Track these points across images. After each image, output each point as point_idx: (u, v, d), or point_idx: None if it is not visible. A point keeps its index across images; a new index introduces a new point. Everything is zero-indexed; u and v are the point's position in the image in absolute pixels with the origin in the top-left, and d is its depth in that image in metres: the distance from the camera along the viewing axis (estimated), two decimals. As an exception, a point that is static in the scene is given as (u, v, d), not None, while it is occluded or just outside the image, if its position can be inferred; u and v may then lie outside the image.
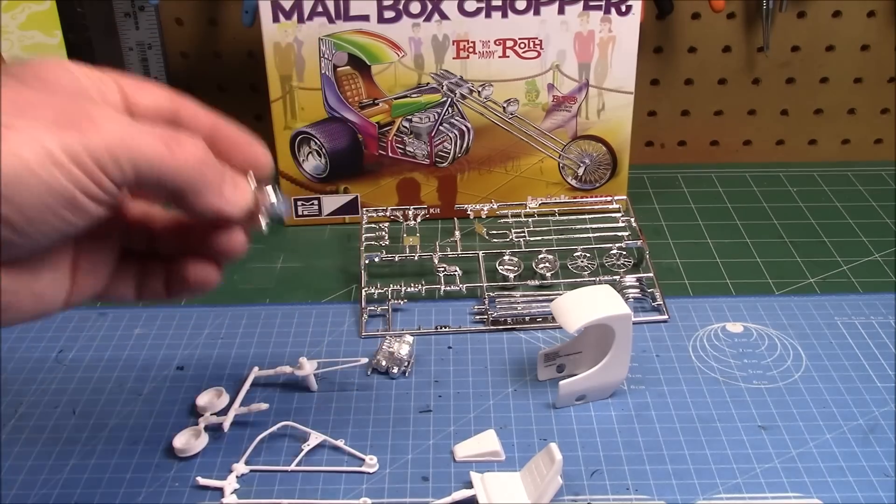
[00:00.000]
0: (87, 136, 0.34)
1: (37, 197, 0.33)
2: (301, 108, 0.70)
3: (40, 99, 0.34)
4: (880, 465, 0.48)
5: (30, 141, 0.32)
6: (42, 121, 0.33)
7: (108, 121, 0.35)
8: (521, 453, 0.49)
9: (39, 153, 0.32)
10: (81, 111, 0.34)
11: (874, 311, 0.61)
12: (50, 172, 0.33)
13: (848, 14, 0.79)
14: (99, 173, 0.34)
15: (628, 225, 0.68)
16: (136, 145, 0.35)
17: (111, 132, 0.34)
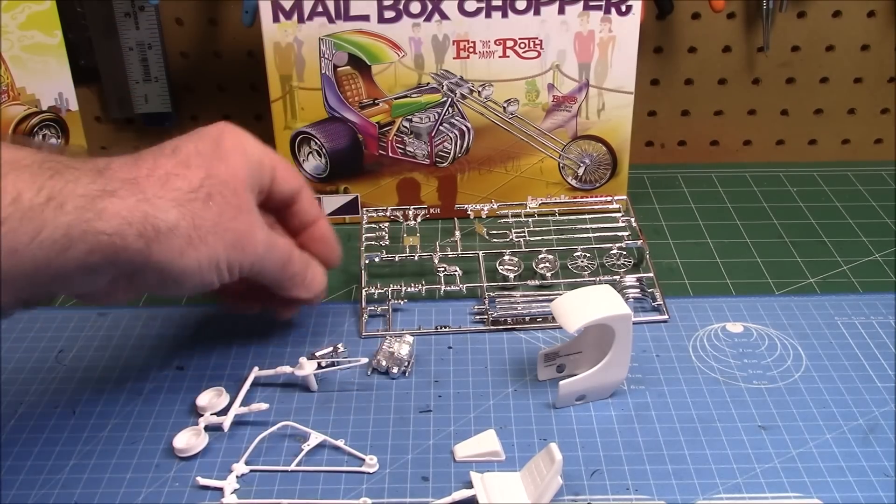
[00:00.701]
0: (243, 255, 0.48)
1: (192, 285, 0.47)
2: (301, 108, 0.70)
3: (226, 224, 0.47)
4: (880, 465, 0.48)
5: (210, 255, 0.47)
6: (225, 244, 0.47)
7: (259, 245, 0.49)
8: (521, 453, 0.49)
9: (211, 265, 0.47)
10: (247, 235, 0.48)
11: (874, 311, 0.61)
12: (210, 276, 0.47)
13: (848, 14, 0.79)
14: (237, 274, 0.49)
15: (628, 225, 0.68)
16: (267, 263, 0.51)
17: (256, 254, 0.49)
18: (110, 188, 0.43)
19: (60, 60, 0.72)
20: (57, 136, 0.74)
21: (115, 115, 0.84)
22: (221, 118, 0.84)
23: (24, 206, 0.39)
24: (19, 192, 0.39)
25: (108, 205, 0.42)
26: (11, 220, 0.39)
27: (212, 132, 0.50)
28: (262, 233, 0.50)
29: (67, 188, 0.41)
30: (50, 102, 0.72)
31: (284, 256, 0.52)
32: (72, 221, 0.41)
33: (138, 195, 0.44)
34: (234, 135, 0.50)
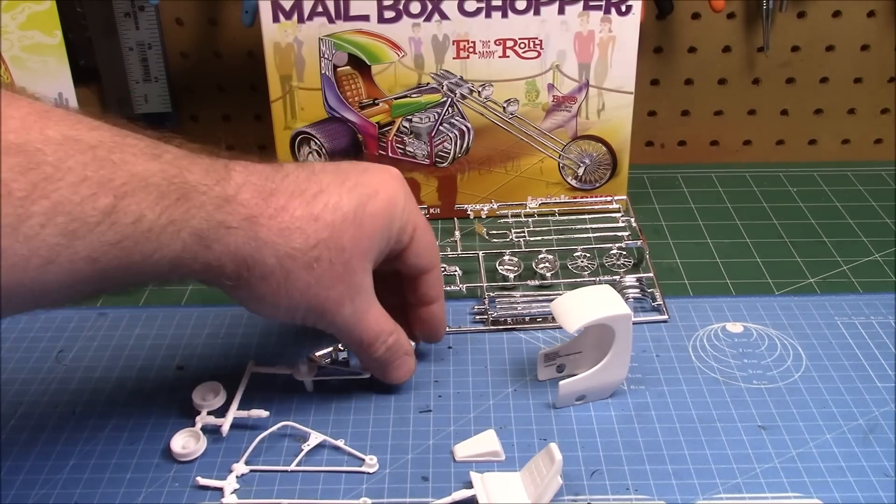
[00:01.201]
0: (321, 320, 0.48)
1: (271, 317, 0.48)
2: (301, 108, 0.70)
3: (317, 290, 0.46)
4: (880, 465, 0.48)
5: (289, 307, 0.46)
6: (306, 303, 0.46)
7: (339, 318, 0.48)
8: (521, 453, 0.49)
9: (288, 314, 0.47)
10: (334, 305, 0.47)
11: (874, 311, 0.61)
12: (285, 318, 0.47)
13: (848, 14, 0.79)
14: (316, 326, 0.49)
15: (628, 225, 0.68)
16: (344, 337, 0.50)
17: (334, 325, 0.48)
18: (229, 223, 0.42)
19: (60, 60, 0.72)
20: (57, 136, 0.74)
21: (115, 115, 0.84)
22: (221, 118, 0.85)
23: (144, 227, 0.39)
24: (142, 213, 0.39)
25: (222, 237, 0.42)
26: (129, 240, 0.39)
27: (370, 185, 0.47)
28: (349, 308, 0.47)
29: (189, 214, 0.41)
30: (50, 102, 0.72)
31: (368, 338, 0.49)
32: (183, 248, 0.41)
33: (252, 237, 0.43)
34: (387, 196, 0.48)
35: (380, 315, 0.50)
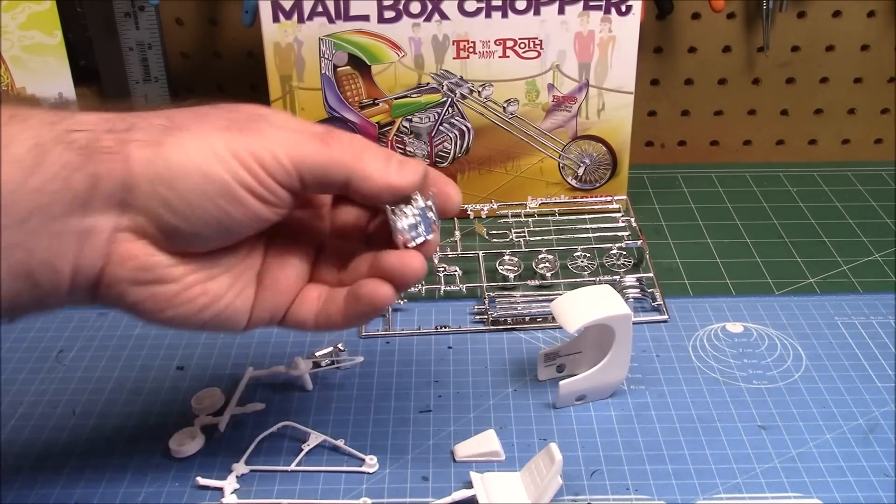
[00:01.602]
0: (250, 138, 0.38)
1: (196, 184, 0.37)
2: (301, 108, 0.70)
3: (218, 114, 0.40)
4: (880, 465, 0.48)
5: (197, 139, 0.38)
6: (214, 128, 0.39)
7: (272, 130, 0.39)
8: (521, 453, 0.49)
9: (204, 149, 0.37)
10: (251, 123, 0.39)
11: (874, 311, 0.61)
12: (210, 165, 0.37)
13: (848, 14, 0.79)
14: (257, 169, 0.38)
15: (628, 225, 0.68)
16: (293, 145, 0.39)
17: (272, 137, 0.39)
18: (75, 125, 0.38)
19: (60, 60, 0.72)
20: (57, 136, 0.74)
21: (115, 115, 0.84)
22: (221, 118, 0.85)
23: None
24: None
25: (79, 117, 0.38)
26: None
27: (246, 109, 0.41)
28: (275, 128, 0.39)
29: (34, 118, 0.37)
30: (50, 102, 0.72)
31: (325, 137, 0.40)
32: (43, 133, 0.37)
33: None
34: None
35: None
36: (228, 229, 0.39)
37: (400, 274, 0.41)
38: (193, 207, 0.37)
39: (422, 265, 0.41)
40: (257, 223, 0.39)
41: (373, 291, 0.41)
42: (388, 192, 0.40)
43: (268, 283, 0.43)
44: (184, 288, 0.40)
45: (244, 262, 0.42)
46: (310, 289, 0.44)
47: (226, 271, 0.41)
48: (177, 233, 0.38)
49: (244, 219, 0.38)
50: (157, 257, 0.38)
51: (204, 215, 0.38)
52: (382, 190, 0.40)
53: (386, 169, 0.40)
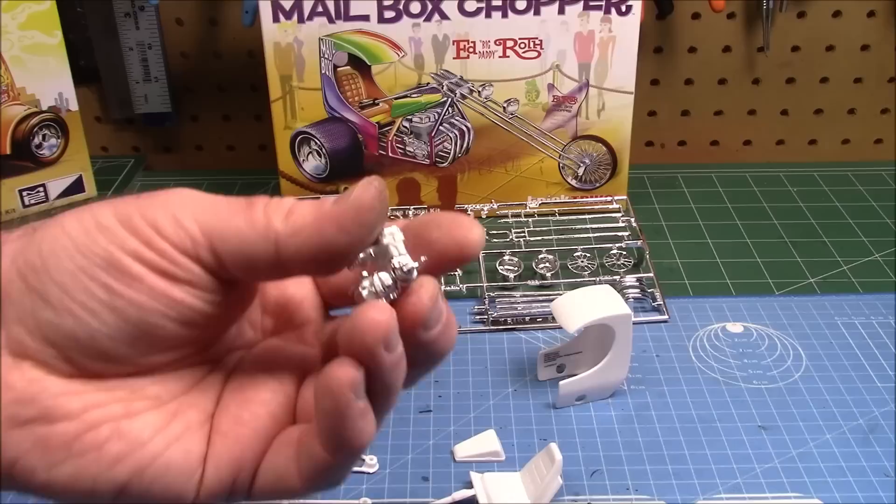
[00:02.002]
0: (145, 202, 0.29)
1: (72, 261, 0.28)
2: (301, 108, 0.70)
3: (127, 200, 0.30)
4: (880, 465, 0.48)
5: (78, 213, 0.29)
6: (103, 203, 0.29)
7: (180, 196, 0.30)
8: (521, 453, 0.49)
9: (83, 220, 0.28)
10: (156, 195, 0.30)
11: (874, 311, 0.61)
12: (89, 235, 0.28)
13: (848, 14, 0.79)
14: (152, 234, 0.28)
15: (628, 225, 0.68)
16: (203, 207, 0.29)
17: (176, 201, 0.29)
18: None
19: (60, 60, 0.72)
20: (57, 137, 0.74)
21: (115, 115, 0.84)
22: (221, 118, 0.85)
23: None
24: None
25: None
26: None
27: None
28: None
29: None
30: (50, 102, 0.72)
31: (247, 205, 0.29)
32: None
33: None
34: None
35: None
36: (137, 326, 0.28)
37: (350, 335, 0.27)
38: (73, 292, 0.27)
39: (382, 317, 0.27)
40: (173, 311, 0.28)
41: (325, 377, 0.28)
42: (333, 228, 0.28)
43: (227, 428, 0.30)
44: (85, 428, 0.28)
45: (187, 394, 0.30)
46: (291, 432, 0.30)
47: (154, 406, 0.29)
48: (65, 338, 0.27)
49: (151, 304, 0.28)
50: (44, 383, 0.28)
51: (91, 302, 0.27)
52: (323, 229, 0.28)
53: (318, 205, 0.28)
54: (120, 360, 0.29)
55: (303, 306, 0.34)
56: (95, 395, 0.29)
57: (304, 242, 0.28)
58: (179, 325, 0.29)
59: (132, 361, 0.29)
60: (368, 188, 0.28)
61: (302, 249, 0.28)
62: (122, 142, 0.86)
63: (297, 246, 0.28)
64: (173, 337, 0.29)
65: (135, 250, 0.28)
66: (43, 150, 0.73)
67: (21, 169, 0.73)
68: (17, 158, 0.72)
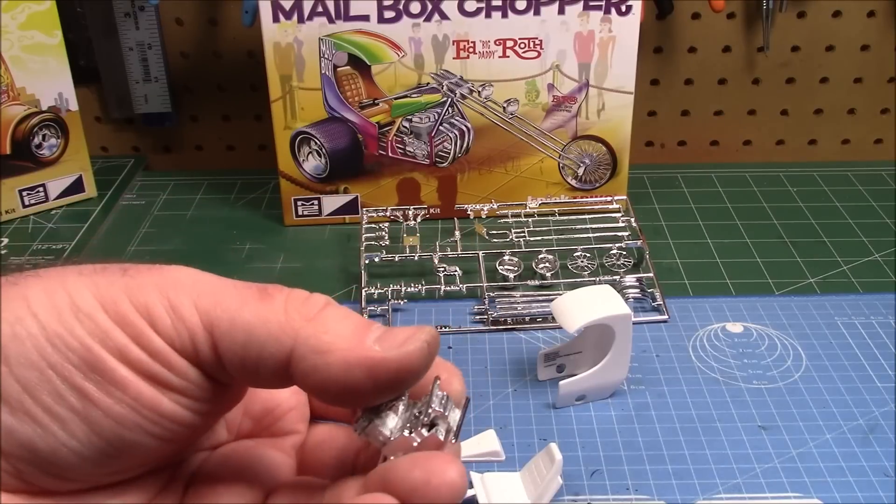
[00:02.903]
0: (136, 280, 0.24)
1: (38, 350, 0.22)
2: (301, 108, 0.70)
3: (115, 267, 0.25)
4: (880, 465, 0.48)
5: (48, 287, 0.23)
6: (81, 272, 0.23)
7: (179, 274, 0.25)
8: (521, 453, 0.49)
9: (58, 298, 0.23)
10: (148, 269, 0.24)
11: (874, 311, 0.61)
12: (64, 322, 0.22)
13: (848, 14, 0.79)
14: (143, 325, 0.23)
15: (628, 225, 0.68)
16: (207, 291, 0.24)
17: (173, 279, 0.24)
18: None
19: (60, 60, 0.72)
20: (57, 137, 0.74)
21: (115, 115, 0.84)
22: (221, 118, 0.85)
23: None
24: None
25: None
26: None
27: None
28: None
29: None
30: (50, 102, 0.72)
31: (260, 290, 0.26)
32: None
33: None
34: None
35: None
36: (110, 442, 0.23)
37: (416, 486, 0.23)
38: (38, 393, 0.22)
39: (460, 480, 0.23)
40: (157, 426, 0.23)
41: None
42: (363, 373, 0.23)
43: None
44: None
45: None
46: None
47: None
48: (20, 447, 0.22)
49: (132, 417, 0.23)
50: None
51: (58, 407, 0.22)
52: (352, 368, 0.23)
53: (358, 335, 0.24)
54: (80, 479, 0.23)
55: (289, 416, 0.30)
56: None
57: (327, 370, 0.23)
58: (160, 441, 0.24)
59: (93, 480, 0.24)
60: (421, 347, 0.23)
61: (321, 375, 0.23)
62: (122, 142, 0.86)
63: (316, 367, 0.23)
64: (149, 454, 0.24)
65: (120, 348, 0.22)
66: (43, 150, 0.73)
67: (21, 169, 0.73)
68: (16, 158, 0.72)
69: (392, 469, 0.23)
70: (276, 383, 0.24)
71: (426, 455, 0.23)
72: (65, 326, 0.22)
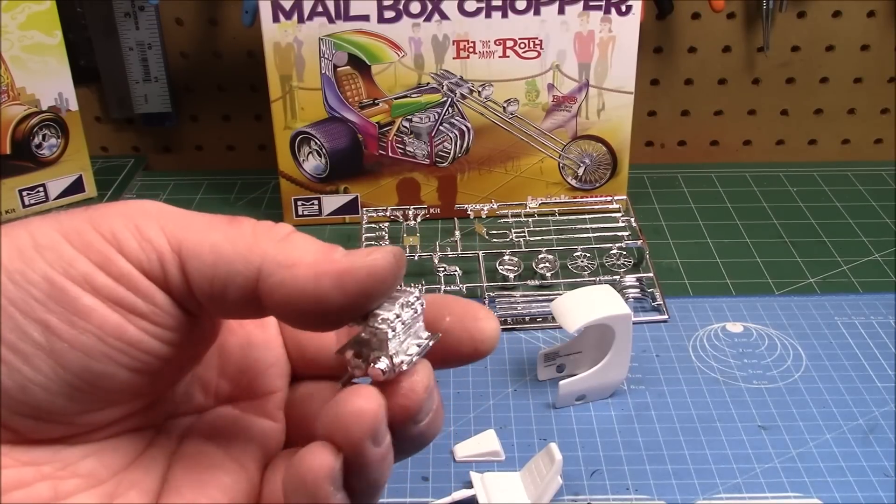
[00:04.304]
0: (100, 211, 0.23)
1: (3, 290, 0.22)
2: (301, 108, 0.70)
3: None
4: (880, 465, 0.48)
5: (14, 228, 0.23)
6: (54, 217, 0.23)
7: (146, 205, 0.24)
8: (521, 453, 0.49)
9: (19, 237, 0.22)
10: (114, 204, 0.24)
11: (874, 311, 0.61)
12: (25, 258, 0.22)
13: (848, 14, 0.79)
14: (111, 251, 0.23)
15: (628, 225, 0.68)
16: (175, 219, 0.24)
17: (140, 209, 0.24)
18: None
19: (60, 60, 0.72)
20: (57, 137, 0.74)
21: (115, 115, 0.84)
22: (221, 118, 0.85)
23: None
24: None
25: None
26: None
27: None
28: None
29: None
30: (50, 102, 0.72)
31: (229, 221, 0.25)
32: None
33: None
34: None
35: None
36: (79, 375, 0.23)
37: (333, 423, 0.23)
38: (3, 330, 0.22)
39: (369, 406, 0.23)
40: (125, 355, 0.23)
41: (298, 466, 0.23)
42: (331, 282, 0.23)
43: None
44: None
45: (127, 470, 0.25)
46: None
47: (88, 485, 0.24)
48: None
49: (99, 347, 0.22)
50: None
51: (22, 343, 0.22)
52: (320, 278, 0.23)
53: (325, 251, 0.24)
54: (54, 418, 0.23)
55: (268, 373, 0.28)
56: (18, 471, 0.23)
57: (294, 282, 0.23)
58: (130, 372, 0.23)
59: (69, 419, 0.23)
60: (387, 256, 0.24)
61: (288, 289, 0.23)
62: (122, 142, 0.86)
63: (283, 281, 0.23)
64: (122, 387, 0.23)
65: (85, 275, 0.22)
66: (43, 150, 0.73)
67: (21, 169, 0.73)
68: (16, 158, 0.72)
69: (321, 413, 0.23)
70: (243, 308, 0.24)
71: (346, 389, 0.23)
72: (26, 262, 0.22)
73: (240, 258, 0.23)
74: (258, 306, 0.24)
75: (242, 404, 0.28)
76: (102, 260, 0.22)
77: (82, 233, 0.23)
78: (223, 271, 0.23)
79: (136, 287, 0.23)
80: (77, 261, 0.22)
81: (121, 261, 0.23)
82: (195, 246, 0.23)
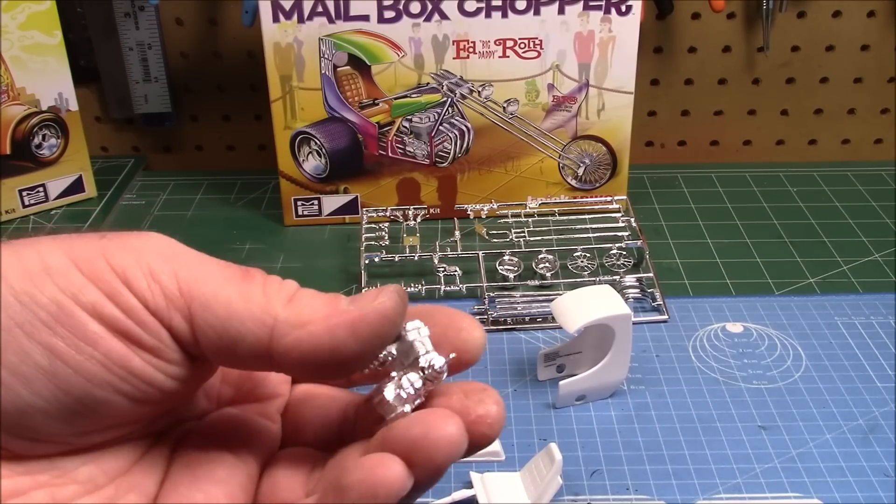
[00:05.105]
0: (113, 243, 0.23)
1: (5, 308, 0.22)
2: (301, 108, 0.70)
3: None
4: (880, 465, 0.48)
5: (19, 251, 0.23)
6: (57, 239, 0.24)
7: (161, 245, 0.25)
8: (521, 453, 0.49)
9: (29, 259, 0.22)
10: (129, 238, 0.24)
11: (874, 311, 0.61)
12: (35, 280, 0.22)
13: (848, 14, 0.79)
14: (118, 286, 0.23)
15: (628, 225, 0.68)
16: (187, 264, 0.24)
17: (154, 249, 0.24)
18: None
19: (60, 60, 0.72)
20: (57, 137, 0.74)
21: (115, 115, 0.84)
22: (221, 118, 0.85)
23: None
24: None
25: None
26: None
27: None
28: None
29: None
30: (50, 102, 0.72)
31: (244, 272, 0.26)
32: None
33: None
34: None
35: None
36: (80, 400, 0.23)
37: (415, 443, 0.23)
38: (4, 351, 0.21)
39: (458, 434, 0.24)
40: (127, 384, 0.23)
41: (370, 472, 0.23)
42: (346, 332, 0.24)
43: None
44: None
45: (126, 475, 0.25)
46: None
47: (86, 491, 0.24)
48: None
49: (102, 374, 0.22)
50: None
51: (25, 366, 0.22)
52: (334, 330, 0.24)
53: (332, 304, 0.25)
54: (50, 441, 0.23)
55: (270, 379, 0.29)
56: (14, 480, 0.22)
57: (310, 339, 0.23)
58: (131, 401, 0.23)
59: (64, 441, 0.23)
60: (393, 296, 0.24)
61: (305, 346, 0.23)
62: (122, 142, 0.86)
63: (299, 340, 0.23)
64: (120, 415, 0.23)
65: (93, 303, 0.22)
66: (43, 150, 0.73)
67: (21, 169, 0.73)
68: (16, 158, 0.72)
69: (392, 428, 0.24)
70: (251, 363, 0.24)
71: (425, 411, 0.24)
72: (35, 284, 0.22)
73: (252, 318, 0.23)
74: (267, 362, 0.24)
75: (243, 406, 0.29)
76: (111, 291, 0.23)
77: (93, 262, 0.23)
78: (235, 329, 0.23)
79: (143, 322, 0.23)
80: (86, 288, 0.22)
81: (129, 295, 0.23)
82: (208, 299, 0.23)
